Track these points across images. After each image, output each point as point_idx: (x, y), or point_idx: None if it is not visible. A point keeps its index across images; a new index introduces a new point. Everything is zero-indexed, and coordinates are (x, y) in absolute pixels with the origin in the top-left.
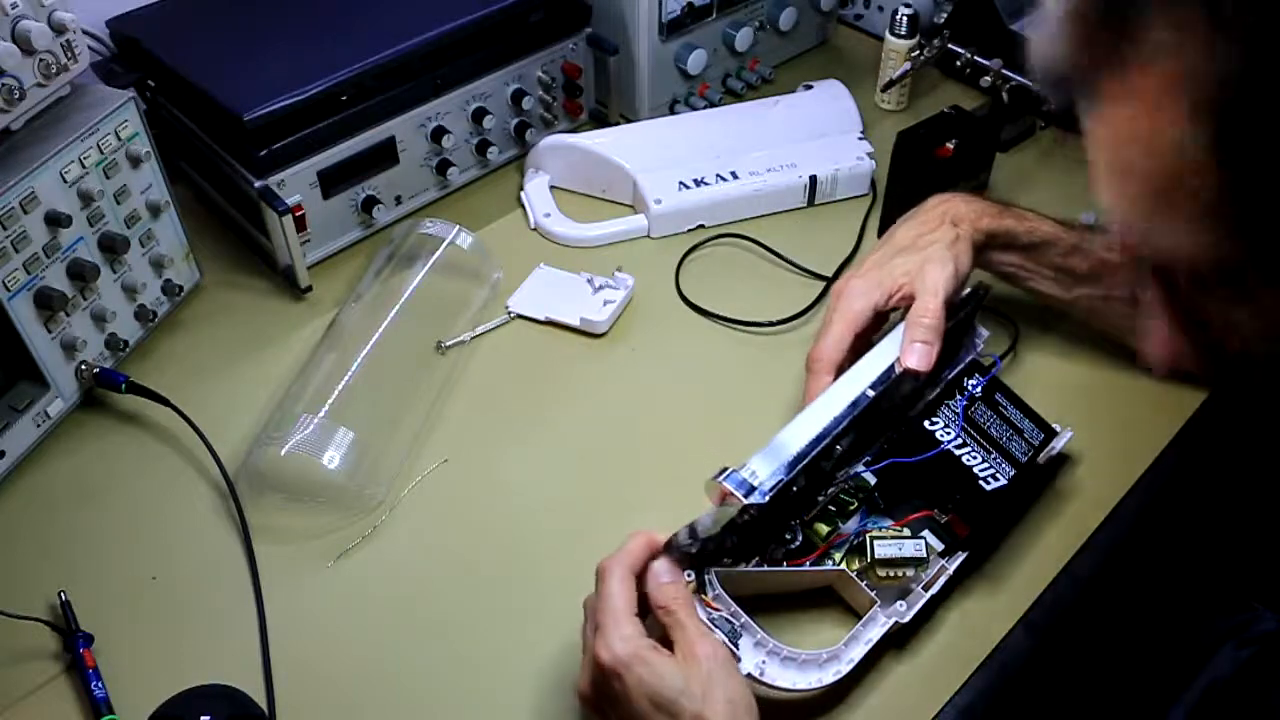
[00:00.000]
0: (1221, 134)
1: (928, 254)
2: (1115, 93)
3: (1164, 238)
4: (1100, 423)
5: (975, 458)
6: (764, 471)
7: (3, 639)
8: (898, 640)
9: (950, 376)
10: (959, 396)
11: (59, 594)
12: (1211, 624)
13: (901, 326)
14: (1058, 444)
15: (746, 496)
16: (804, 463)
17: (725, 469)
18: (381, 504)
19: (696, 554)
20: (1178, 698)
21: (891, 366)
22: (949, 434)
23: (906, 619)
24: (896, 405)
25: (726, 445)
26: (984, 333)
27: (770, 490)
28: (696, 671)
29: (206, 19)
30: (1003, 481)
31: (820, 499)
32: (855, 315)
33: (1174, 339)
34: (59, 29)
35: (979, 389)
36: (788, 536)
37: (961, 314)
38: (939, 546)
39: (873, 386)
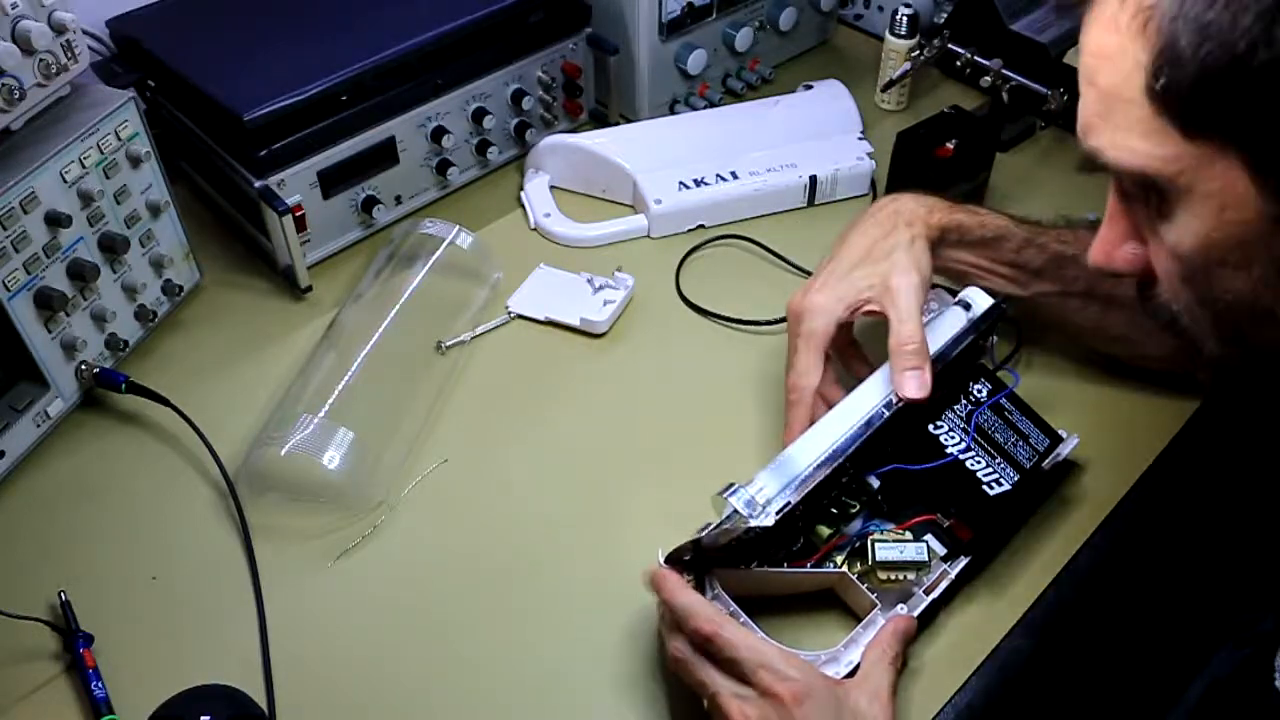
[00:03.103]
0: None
1: (890, 264)
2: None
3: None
4: (1104, 427)
5: (979, 463)
6: (772, 489)
7: (3, 639)
8: None
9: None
10: (964, 402)
11: (59, 594)
12: (1211, 624)
13: None
14: (1063, 450)
15: (753, 517)
16: (813, 484)
17: (732, 485)
18: (381, 504)
19: (696, 558)
20: (1178, 698)
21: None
22: (954, 439)
23: None
24: (909, 416)
25: (727, 445)
26: (993, 338)
27: (778, 513)
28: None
29: (206, 19)
30: (1006, 487)
31: (823, 502)
32: (820, 335)
33: (1115, 245)
34: (59, 29)
35: (986, 395)
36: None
37: (979, 330)
38: (941, 551)
39: (887, 406)
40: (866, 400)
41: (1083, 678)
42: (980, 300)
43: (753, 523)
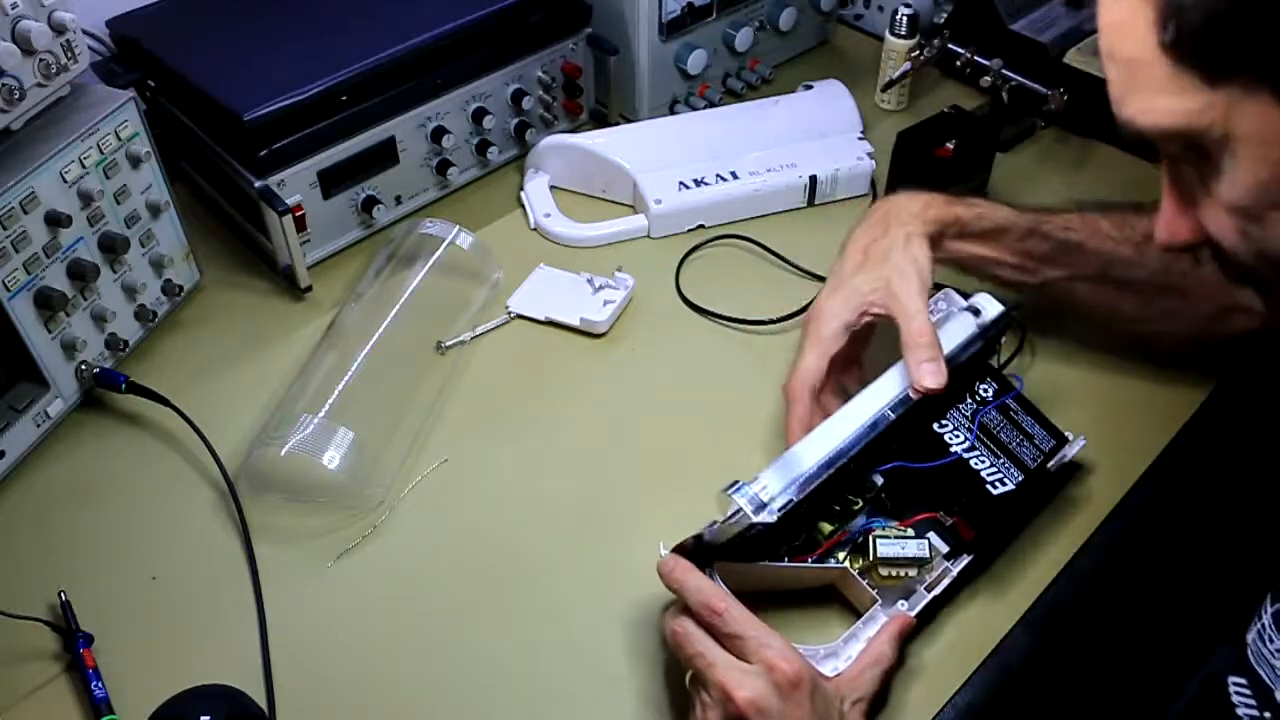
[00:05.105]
0: None
1: (889, 267)
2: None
3: None
4: (1109, 426)
5: (984, 462)
6: (775, 487)
7: (3, 639)
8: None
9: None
10: (970, 401)
11: (59, 594)
12: (1211, 623)
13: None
14: (1070, 451)
15: (756, 514)
16: (816, 484)
17: (736, 482)
18: (381, 504)
19: (698, 551)
20: (1177, 693)
21: (908, 392)
22: (958, 438)
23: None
24: (915, 414)
25: (727, 445)
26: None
27: (780, 510)
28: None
29: (206, 19)
30: (1010, 486)
31: (827, 499)
32: (829, 339)
33: (1176, 219)
34: (59, 29)
35: (991, 395)
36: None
37: (986, 336)
38: (944, 549)
39: (893, 409)
40: (873, 402)
41: (1083, 677)
42: (990, 307)
43: (755, 519)
